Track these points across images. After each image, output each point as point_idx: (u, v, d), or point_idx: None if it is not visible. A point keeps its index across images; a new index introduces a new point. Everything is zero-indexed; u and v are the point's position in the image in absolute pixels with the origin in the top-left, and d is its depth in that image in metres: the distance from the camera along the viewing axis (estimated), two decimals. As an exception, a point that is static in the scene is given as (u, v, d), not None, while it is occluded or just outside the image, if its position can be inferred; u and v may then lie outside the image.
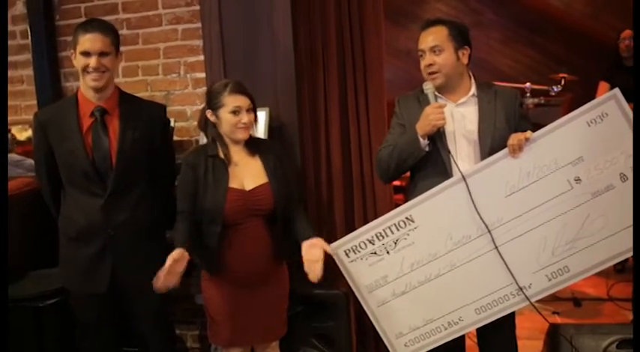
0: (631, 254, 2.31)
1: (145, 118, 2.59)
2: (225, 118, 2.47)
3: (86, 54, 2.44)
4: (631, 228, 2.26)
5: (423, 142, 2.34)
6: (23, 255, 3.01)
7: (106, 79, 2.50)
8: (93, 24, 2.51)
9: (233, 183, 2.47)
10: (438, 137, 2.37)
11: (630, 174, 2.25)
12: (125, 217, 2.53)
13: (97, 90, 2.51)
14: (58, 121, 2.53)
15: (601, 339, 2.60)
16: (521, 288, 2.34)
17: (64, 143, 2.50)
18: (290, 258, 2.62)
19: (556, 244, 2.32)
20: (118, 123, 2.53)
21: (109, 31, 2.52)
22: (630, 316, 3.59)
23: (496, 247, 2.33)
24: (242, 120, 2.47)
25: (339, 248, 2.48)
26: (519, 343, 2.59)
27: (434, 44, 2.38)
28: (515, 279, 2.33)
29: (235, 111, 2.46)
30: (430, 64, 2.38)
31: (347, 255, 2.47)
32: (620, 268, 4.55)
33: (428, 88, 2.39)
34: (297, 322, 2.94)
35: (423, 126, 2.33)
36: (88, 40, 2.44)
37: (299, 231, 2.52)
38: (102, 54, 2.46)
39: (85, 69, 2.45)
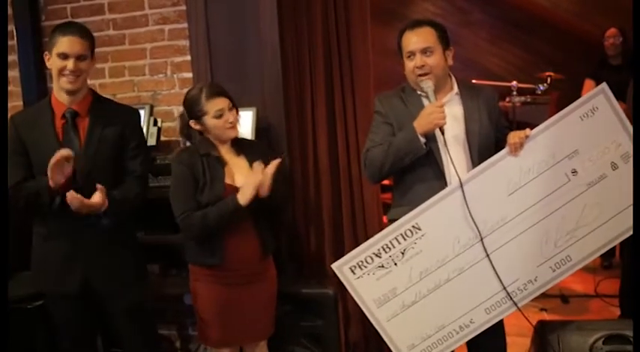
0: (625, 236, 2.41)
1: (116, 121, 2.56)
2: (211, 124, 2.51)
3: (64, 56, 2.42)
4: (622, 214, 2.38)
5: (422, 140, 2.33)
6: (10, 256, 3.00)
7: (80, 82, 2.49)
8: (71, 27, 2.50)
9: (227, 180, 2.51)
10: (431, 138, 2.36)
11: (620, 163, 2.36)
12: (93, 217, 2.48)
13: (70, 92, 2.49)
14: (32, 124, 2.52)
15: (588, 335, 2.61)
16: (508, 294, 2.37)
17: (38, 145, 2.49)
18: (275, 250, 2.67)
19: (557, 236, 2.37)
20: (87, 125, 2.52)
21: (87, 34, 2.50)
22: (617, 312, 3.61)
23: (487, 255, 2.35)
24: (228, 120, 2.51)
25: (344, 265, 2.39)
26: (508, 339, 2.60)
27: (426, 46, 2.37)
28: (502, 284, 2.36)
29: (219, 115, 2.49)
30: (422, 66, 2.37)
31: (353, 271, 2.38)
32: (607, 264, 4.59)
33: (428, 86, 2.35)
34: (286, 321, 2.94)
35: (424, 124, 2.31)
36: (67, 42, 2.42)
37: None
38: (79, 57, 2.45)
39: (61, 71, 2.44)
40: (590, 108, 2.33)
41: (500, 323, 2.50)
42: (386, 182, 2.70)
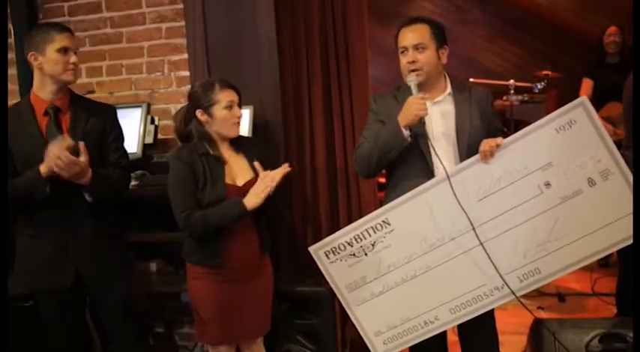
0: (603, 255, 2.37)
1: (97, 117, 2.62)
2: (220, 114, 2.50)
3: (65, 50, 2.51)
4: (599, 231, 2.32)
5: (406, 133, 2.35)
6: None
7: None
8: (60, 24, 2.60)
9: (227, 180, 2.51)
10: (420, 136, 2.39)
11: (598, 179, 2.30)
12: (82, 212, 2.53)
13: (62, 88, 2.56)
14: (15, 123, 2.54)
15: (584, 333, 2.63)
16: (506, 283, 2.36)
17: (21, 143, 2.52)
18: (271, 247, 2.68)
19: (527, 247, 2.36)
20: (69, 120, 2.57)
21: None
22: (614, 310, 3.62)
23: (481, 243, 2.35)
24: (236, 114, 2.52)
25: (319, 249, 2.52)
26: (504, 338, 2.62)
27: (418, 42, 2.40)
28: (499, 273, 2.36)
29: (229, 106, 2.50)
30: (413, 61, 2.40)
31: (327, 256, 2.51)
32: (603, 263, 4.59)
33: (412, 80, 2.39)
34: (282, 319, 2.95)
35: (406, 116, 2.34)
36: (68, 38, 2.53)
37: None
38: (75, 51, 2.57)
39: (66, 66, 2.51)
40: (568, 120, 2.27)
41: (491, 315, 2.52)
42: (382, 180, 2.72)
